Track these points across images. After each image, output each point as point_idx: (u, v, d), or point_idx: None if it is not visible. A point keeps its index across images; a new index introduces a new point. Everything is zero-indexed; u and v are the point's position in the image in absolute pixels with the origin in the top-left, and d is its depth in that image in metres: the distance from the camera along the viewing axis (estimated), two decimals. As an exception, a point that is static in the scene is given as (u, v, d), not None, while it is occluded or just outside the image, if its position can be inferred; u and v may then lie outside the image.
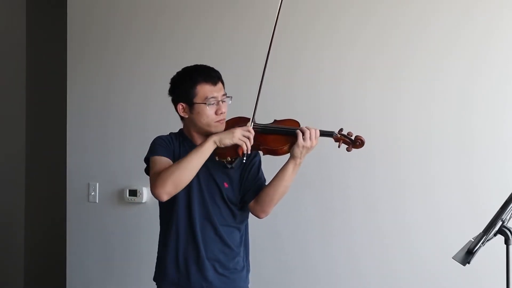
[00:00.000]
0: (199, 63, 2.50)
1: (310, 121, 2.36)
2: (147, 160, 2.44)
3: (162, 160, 2.38)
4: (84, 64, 3.81)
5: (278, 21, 2.48)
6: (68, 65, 3.86)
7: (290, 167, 2.35)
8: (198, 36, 3.44)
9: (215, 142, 2.30)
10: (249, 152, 2.28)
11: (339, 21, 3.12)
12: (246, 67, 3.29)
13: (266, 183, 2.46)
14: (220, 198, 2.42)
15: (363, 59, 3.07)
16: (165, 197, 2.30)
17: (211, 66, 2.48)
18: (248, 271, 2.55)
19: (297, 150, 2.31)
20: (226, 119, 2.48)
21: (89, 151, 3.78)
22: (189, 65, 2.49)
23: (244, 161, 2.34)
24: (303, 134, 2.30)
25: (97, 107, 3.76)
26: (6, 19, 4.68)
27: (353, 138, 2.32)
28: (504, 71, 2.84)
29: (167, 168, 2.31)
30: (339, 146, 2.35)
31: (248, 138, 2.28)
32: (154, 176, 2.33)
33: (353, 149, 2.33)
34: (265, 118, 2.46)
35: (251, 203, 2.44)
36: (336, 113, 3.07)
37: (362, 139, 2.32)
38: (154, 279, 2.53)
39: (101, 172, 3.73)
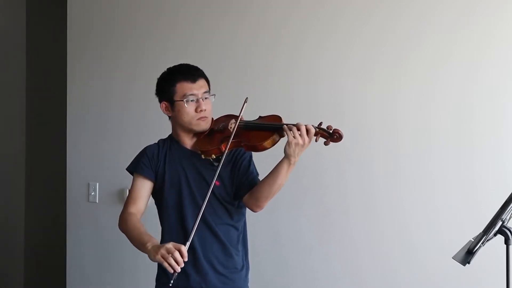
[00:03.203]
0: (198, 63, 2.51)
1: (310, 122, 2.35)
2: (130, 171, 2.52)
3: (139, 182, 2.46)
4: (84, 64, 3.81)
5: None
6: (68, 65, 3.87)
7: (284, 166, 2.29)
8: (196, 37, 3.43)
9: (146, 249, 2.24)
10: (177, 271, 2.12)
11: (338, 21, 3.12)
12: (244, 67, 3.29)
13: (260, 178, 2.44)
14: (212, 196, 2.40)
15: (363, 59, 3.07)
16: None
17: (209, 66, 2.50)
18: (247, 270, 2.54)
19: (290, 149, 2.25)
20: (216, 117, 2.48)
21: (89, 151, 3.78)
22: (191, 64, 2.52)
23: (171, 282, 2.16)
24: (293, 131, 2.24)
25: (97, 107, 3.76)
26: (6, 19, 4.69)
27: (331, 131, 2.27)
28: (504, 71, 2.83)
29: (126, 220, 2.41)
30: (316, 140, 2.29)
31: (173, 256, 2.11)
32: (124, 206, 2.47)
33: (331, 143, 2.28)
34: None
35: (245, 198, 2.41)
36: (336, 113, 3.07)
37: (340, 132, 2.26)
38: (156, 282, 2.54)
39: (101, 172, 3.73)
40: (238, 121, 2.35)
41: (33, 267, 4.72)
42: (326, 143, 2.30)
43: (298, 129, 2.24)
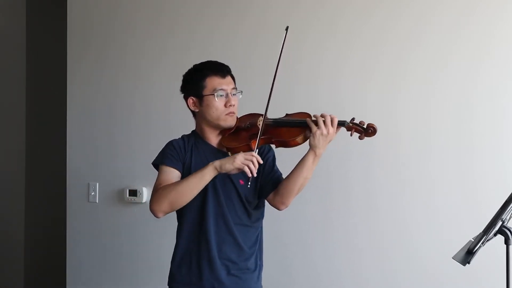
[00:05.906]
0: (201, 61, 2.51)
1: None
2: (155, 165, 2.45)
3: (168, 172, 2.38)
4: (84, 64, 3.81)
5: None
6: (68, 65, 3.86)
7: (310, 158, 2.31)
8: (199, 35, 3.44)
9: (215, 168, 2.26)
10: (254, 175, 2.24)
11: (338, 21, 3.12)
12: (247, 65, 3.28)
13: (283, 176, 2.44)
14: (236, 195, 2.40)
15: (363, 59, 3.07)
16: (160, 215, 2.33)
17: None
18: (260, 270, 2.52)
19: (314, 139, 2.27)
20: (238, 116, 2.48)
21: (89, 151, 3.78)
22: (190, 64, 2.51)
23: (249, 185, 2.29)
24: (317, 120, 2.28)
25: (97, 107, 3.76)
26: (6, 19, 4.69)
27: (365, 126, 2.31)
28: (504, 71, 2.84)
29: (165, 187, 2.32)
30: (351, 135, 2.34)
31: (252, 162, 2.22)
32: (154, 190, 2.36)
33: (366, 137, 2.33)
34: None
35: (270, 196, 2.42)
36: (336, 113, 3.03)
37: (374, 127, 2.31)
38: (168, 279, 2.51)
39: (101, 172, 3.73)
40: (264, 117, 2.35)
41: (33, 267, 4.72)
42: (360, 138, 2.34)
43: (316, 119, 2.28)
